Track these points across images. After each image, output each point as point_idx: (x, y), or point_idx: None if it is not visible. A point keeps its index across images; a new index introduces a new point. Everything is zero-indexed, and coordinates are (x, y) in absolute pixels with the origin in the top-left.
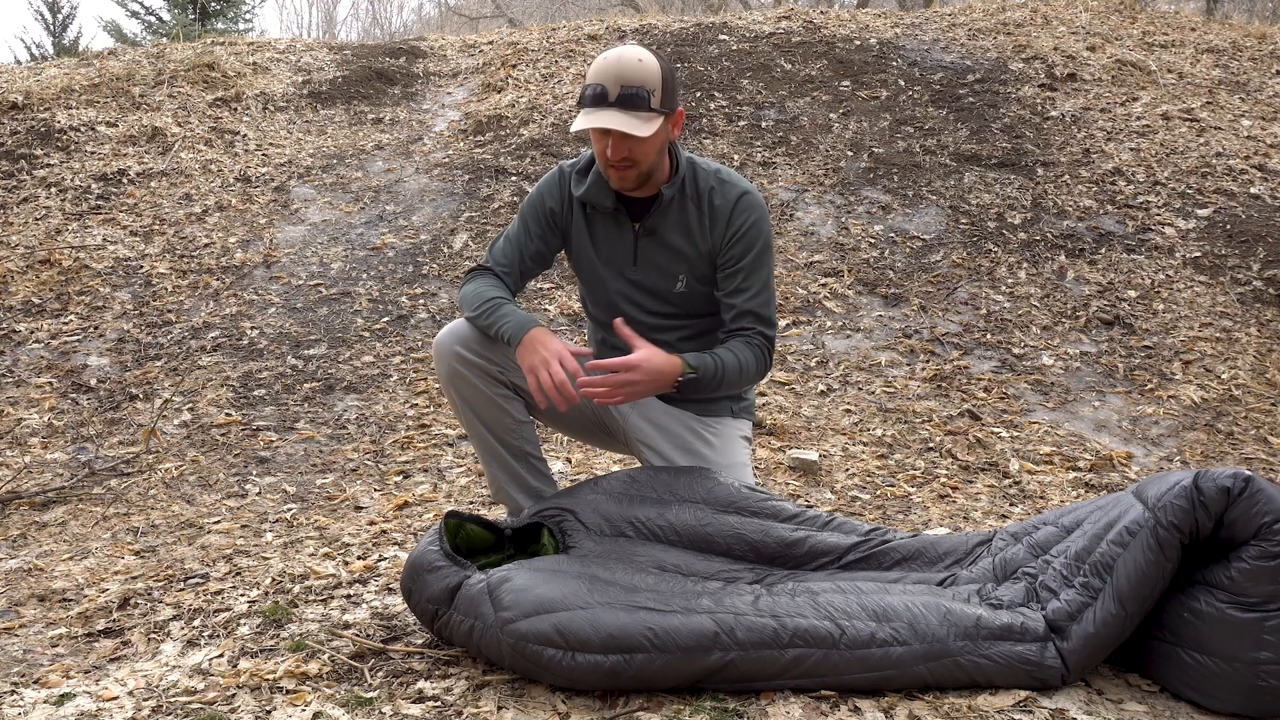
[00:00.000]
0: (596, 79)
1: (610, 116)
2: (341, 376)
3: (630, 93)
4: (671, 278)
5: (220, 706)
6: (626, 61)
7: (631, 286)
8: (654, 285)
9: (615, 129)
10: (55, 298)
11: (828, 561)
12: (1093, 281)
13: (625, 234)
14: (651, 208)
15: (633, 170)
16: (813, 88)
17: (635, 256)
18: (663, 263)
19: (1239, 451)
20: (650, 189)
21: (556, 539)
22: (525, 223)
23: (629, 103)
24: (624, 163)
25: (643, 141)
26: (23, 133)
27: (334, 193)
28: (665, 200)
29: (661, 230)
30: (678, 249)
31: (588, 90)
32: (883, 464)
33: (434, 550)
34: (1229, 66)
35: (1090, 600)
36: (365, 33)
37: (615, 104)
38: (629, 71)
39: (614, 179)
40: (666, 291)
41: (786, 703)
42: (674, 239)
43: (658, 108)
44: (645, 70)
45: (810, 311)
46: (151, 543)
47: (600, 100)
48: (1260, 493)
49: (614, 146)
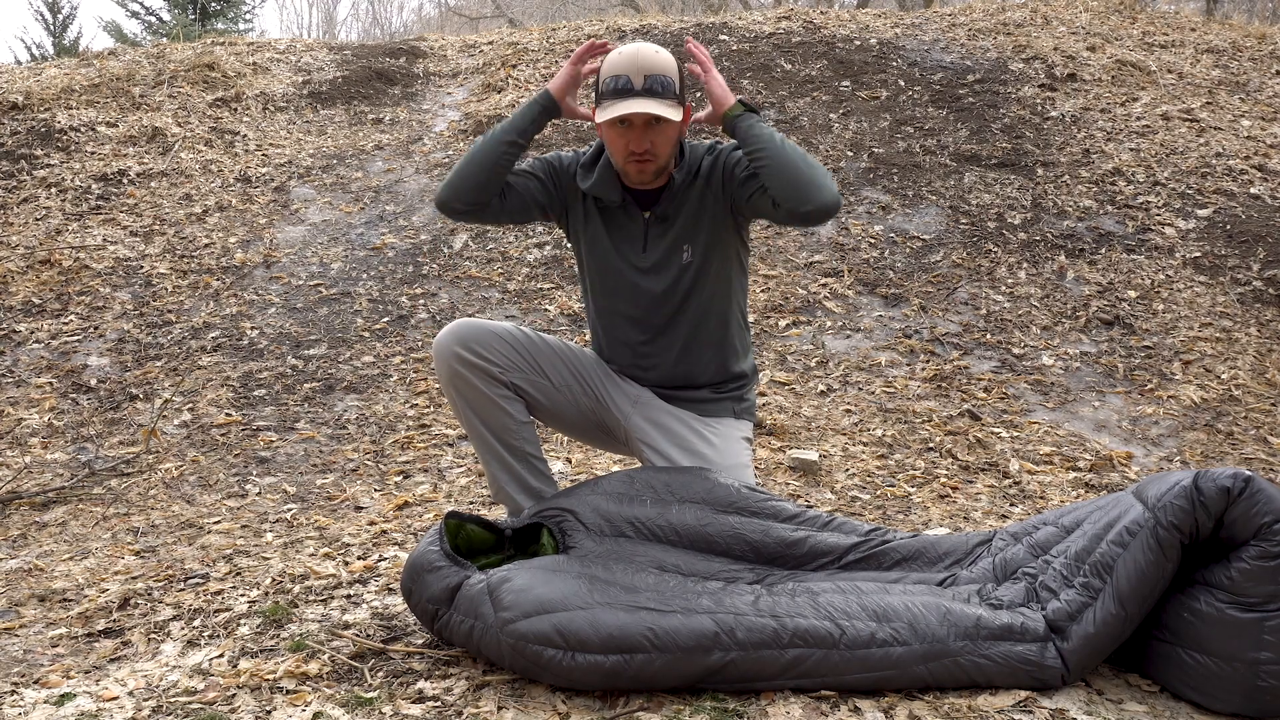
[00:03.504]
0: (619, 71)
1: (643, 103)
2: (341, 376)
3: (655, 81)
4: (679, 251)
5: (220, 706)
6: (645, 53)
7: (639, 273)
8: (663, 269)
9: (649, 113)
10: (55, 298)
11: (828, 562)
12: (1093, 281)
13: (635, 223)
14: (661, 195)
15: (652, 164)
16: (813, 88)
17: (645, 244)
18: (672, 243)
19: (1239, 451)
20: (662, 179)
21: (556, 539)
22: (535, 162)
23: (655, 91)
24: (645, 155)
25: (667, 131)
26: (23, 133)
27: (334, 193)
28: (677, 185)
29: (673, 215)
30: (689, 227)
31: (610, 84)
32: (883, 464)
33: (434, 550)
34: (1229, 66)
35: (1090, 600)
36: (365, 33)
37: (642, 93)
38: (650, 62)
39: (633, 173)
40: (675, 266)
41: (786, 703)
42: (685, 219)
43: (679, 98)
44: (665, 61)
45: (810, 311)
46: (151, 543)
47: (626, 91)
48: (1260, 493)
49: (637, 138)
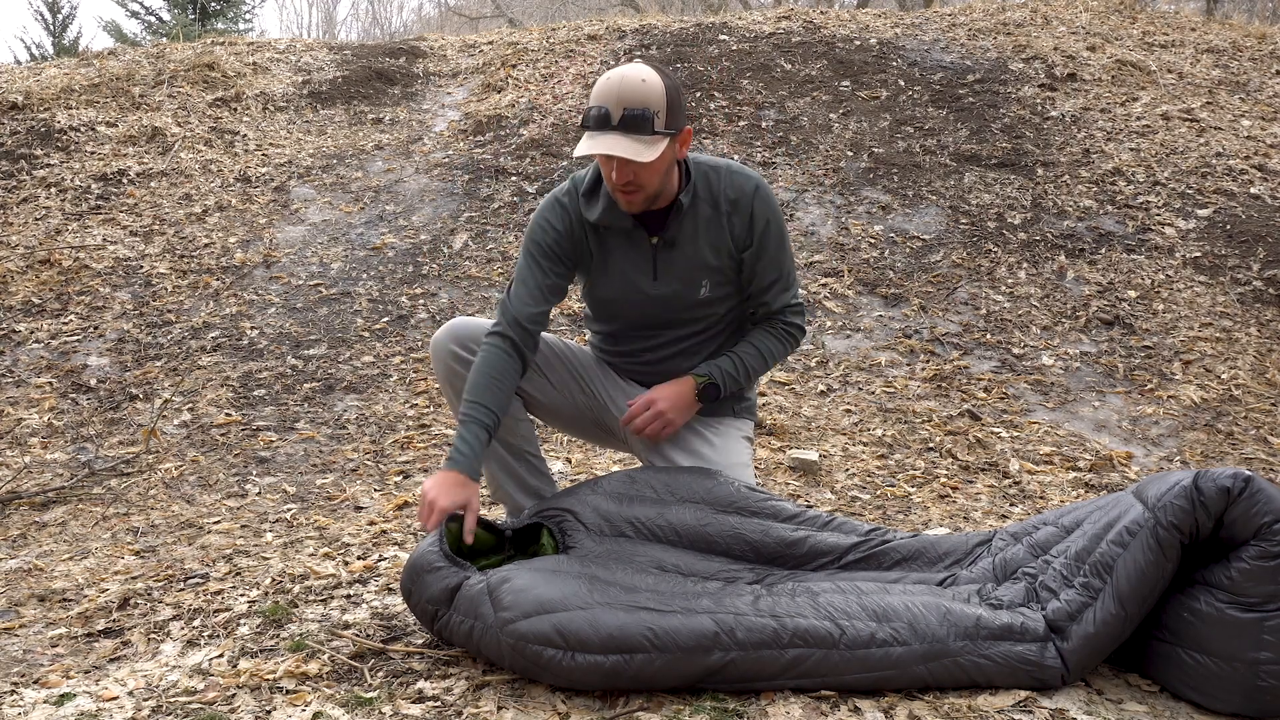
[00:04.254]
0: (599, 100)
1: (612, 141)
2: (341, 376)
3: (634, 115)
4: (695, 285)
5: (220, 706)
6: (629, 82)
7: (650, 303)
8: (676, 298)
9: (617, 155)
10: (55, 298)
11: (827, 562)
12: (1093, 281)
13: (642, 249)
14: (668, 219)
15: (639, 194)
16: (813, 88)
17: (655, 271)
18: (684, 272)
19: (1239, 451)
20: (664, 201)
21: (556, 539)
22: (533, 259)
23: (632, 125)
24: (629, 187)
25: (646, 166)
26: (23, 133)
27: (334, 193)
28: (684, 209)
29: (681, 240)
30: (699, 255)
31: (590, 112)
32: (883, 464)
33: (433, 551)
34: (1229, 66)
35: (1090, 600)
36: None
37: (618, 127)
38: (632, 93)
39: (621, 202)
40: (690, 301)
41: (786, 703)
42: (694, 246)
43: (662, 130)
44: (649, 91)
45: (810, 311)
46: (151, 543)
47: (603, 123)
48: (1260, 493)
49: (618, 171)
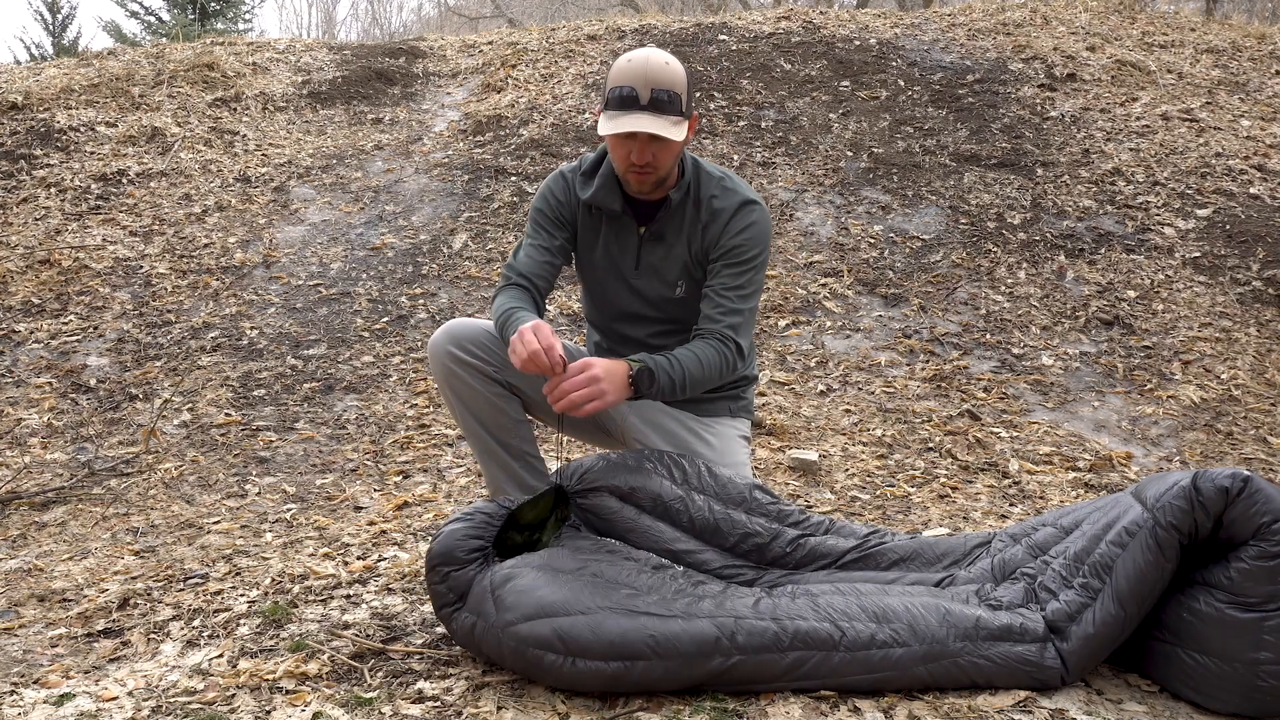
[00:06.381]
0: (625, 81)
1: (644, 120)
2: (341, 376)
3: (661, 96)
4: (670, 284)
5: (220, 706)
6: (655, 64)
7: (631, 292)
8: (654, 292)
9: (647, 132)
10: (55, 298)
11: (827, 563)
12: (1092, 281)
13: (629, 237)
14: (658, 212)
15: (653, 175)
16: (812, 88)
17: (638, 260)
18: (663, 268)
19: (1239, 451)
20: (660, 191)
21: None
22: (538, 225)
23: (660, 106)
24: (647, 167)
25: (669, 145)
26: (23, 133)
27: (334, 193)
28: (673, 204)
29: (667, 235)
30: (678, 254)
31: (616, 93)
32: (882, 464)
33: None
34: (1229, 66)
35: (1089, 601)
36: (365, 33)
37: (647, 107)
38: (659, 74)
39: (634, 182)
40: (666, 298)
41: (786, 703)
42: (676, 243)
43: (685, 112)
44: (673, 73)
45: (810, 311)
46: (151, 543)
47: (630, 103)
48: (1259, 493)
49: (639, 150)
